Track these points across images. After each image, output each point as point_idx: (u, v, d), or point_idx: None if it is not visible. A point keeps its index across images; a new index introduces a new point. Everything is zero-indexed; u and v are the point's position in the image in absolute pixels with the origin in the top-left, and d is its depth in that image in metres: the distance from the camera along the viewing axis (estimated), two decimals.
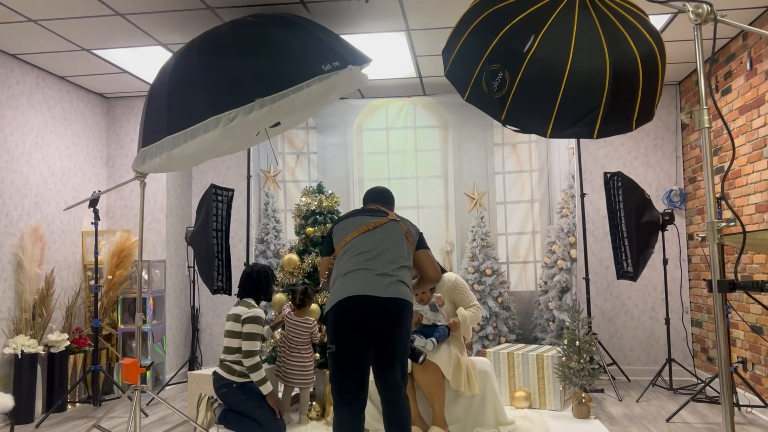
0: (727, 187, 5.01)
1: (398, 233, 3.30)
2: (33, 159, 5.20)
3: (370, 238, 3.26)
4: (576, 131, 3.01)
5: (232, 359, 4.06)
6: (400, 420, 3.10)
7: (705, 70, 2.00)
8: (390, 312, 3.08)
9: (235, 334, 4.07)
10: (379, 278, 3.11)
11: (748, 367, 4.72)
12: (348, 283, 3.12)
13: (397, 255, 3.22)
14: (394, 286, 3.11)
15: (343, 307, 3.09)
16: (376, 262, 3.16)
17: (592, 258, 6.14)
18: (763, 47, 4.42)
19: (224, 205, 5.18)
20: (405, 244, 3.29)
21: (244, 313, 4.08)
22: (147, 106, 3.81)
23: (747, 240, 2.16)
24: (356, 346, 3.07)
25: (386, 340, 3.10)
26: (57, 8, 4.12)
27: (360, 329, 3.07)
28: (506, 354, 4.81)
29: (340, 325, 3.09)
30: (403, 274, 3.20)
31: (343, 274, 3.17)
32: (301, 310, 4.46)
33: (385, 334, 3.09)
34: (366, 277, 3.12)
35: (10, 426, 4.24)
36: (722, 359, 1.95)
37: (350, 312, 3.08)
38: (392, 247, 3.24)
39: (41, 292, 5.06)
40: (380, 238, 3.26)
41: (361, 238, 3.27)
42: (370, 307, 3.06)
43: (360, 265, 3.17)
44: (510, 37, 2.88)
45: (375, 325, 3.07)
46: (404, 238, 3.31)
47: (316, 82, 3.49)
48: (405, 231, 3.33)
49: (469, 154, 6.03)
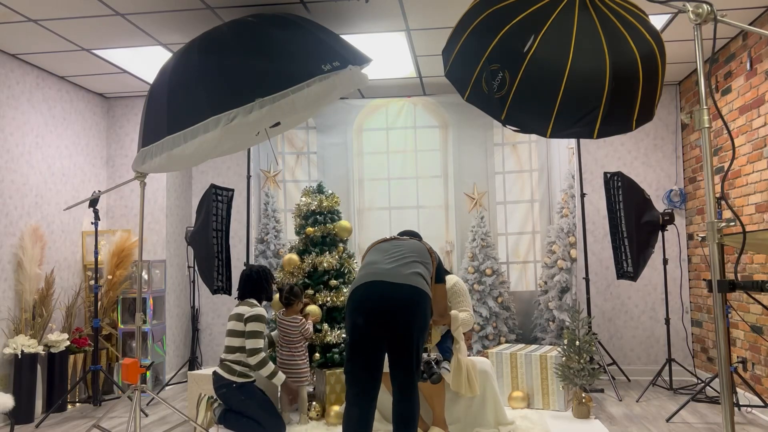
0: (727, 187, 5.01)
1: (421, 247, 3.47)
2: (33, 159, 5.20)
3: (393, 244, 3.47)
4: (576, 131, 3.01)
5: (232, 359, 4.06)
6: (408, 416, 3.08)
7: (705, 70, 2.00)
8: (406, 300, 3.08)
9: (238, 333, 4.08)
10: (396, 268, 3.20)
11: (748, 367, 4.72)
12: (365, 272, 3.23)
13: (417, 256, 3.34)
14: (412, 276, 3.17)
15: (359, 294, 3.13)
16: (396, 258, 3.29)
17: (592, 258, 6.14)
18: (763, 47, 4.42)
19: (224, 205, 5.18)
20: (427, 256, 3.44)
21: (246, 312, 4.09)
22: (147, 106, 3.81)
23: (747, 240, 2.16)
24: (370, 334, 3.07)
25: (402, 328, 3.07)
26: (57, 8, 4.12)
27: (374, 315, 3.07)
28: (509, 355, 4.81)
29: (355, 312, 3.11)
30: (422, 271, 3.27)
31: (362, 267, 3.34)
32: (289, 309, 4.46)
33: (400, 322, 3.07)
34: (384, 266, 3.22)
35: (10, 426, 4.24)
36: (722, 359, 1.95)
37: (364, 299, 3.10)
38: (414, 252, 3.37)
39: (41, 292, 5.06)
40: (403, 245, 3.44)
41: (384, 244, 3.49)
42: (386, 292, 3.08)
43: (381, 258, 3.30)
44: (510, 37, 2.88)
45: (391, 311, 3.06)
46: (426, 253, 3.46)
47: (316, 82, 3.49)
48: (428, 248, 3.51)
49: (469, 154, 6.03)
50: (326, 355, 4.64)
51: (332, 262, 4.86)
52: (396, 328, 3.07)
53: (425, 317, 3.16)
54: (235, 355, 4.06)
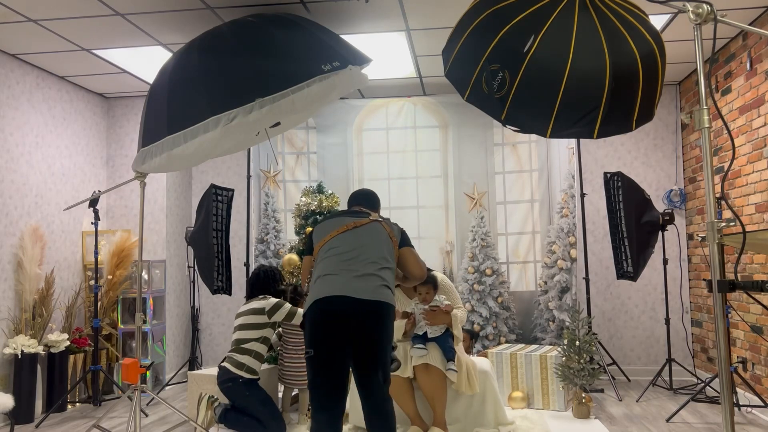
0: (727, 187, 5.01)
1: (380, 233, 3.18)
2: (33, 159, 5.20)
3: (350, 238, 3.14)
4: (576, 131, 3.01)
5: (244, 349, 4.09)
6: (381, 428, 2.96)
7: (705, 70, 2.00)
8: (371, 314, 2.94)
9: (255, 326, 4.15)
10: (359, 280, 2.98)
11: (748, 367, 4.72)
12: (327, 284, 3.00)
13: (378, 255, 3.09)
14: (376, 288, 2.98)
15: (320, 309, 2.95)
16: (356, 263, 3.04)
17: (592, 258, 6.14)
18: (763, 47, 4.42)
19: (224, 205, 5.18)
20: (388, 244, 3.17)
21: (266, 305, 4.19)
22: (147, 106, 3.81)
23: (747, 240, 2.16)
24: (334, 349, 2.93)
25: (367, 343, 2.94)
26: (57, 8, 4.12)
27: (338, 331, 2.93)
28: (509, 355, 4.81)
29: (317, 327, 2.95)
30: (386, 275, 3.06)
31: (322, 275, 3.05)
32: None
33: (365, 337, 2.94)
34: (346, 278, 2.99)
35: (10, 426, 4.23)
36: (722, 359, 1.95)
37: (327, 313, 2.94)
38: (374, 247, 3.11)
39: (41, 292, 5.06)
40: (361, 238, 3.14)
41: (340, 238, 3.15)
42: (349, 308, 2.92)
43: (340, 266, 3.04)
44: (510, 37, 2.87)
45: (354, 327, 2.92)
46: (387, 239, 3.19)
47: (316, 82, 3.49)
48: (388, 231, 3.22)
49: (469, 154, 6.03)
50: None
51: None
52: (361, 342, 2.95)
53: (390, 328, 3.03)
54: (247, 344, 4.11)
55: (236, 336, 4.17)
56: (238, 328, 4.19)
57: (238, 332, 4.17)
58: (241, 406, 4.02)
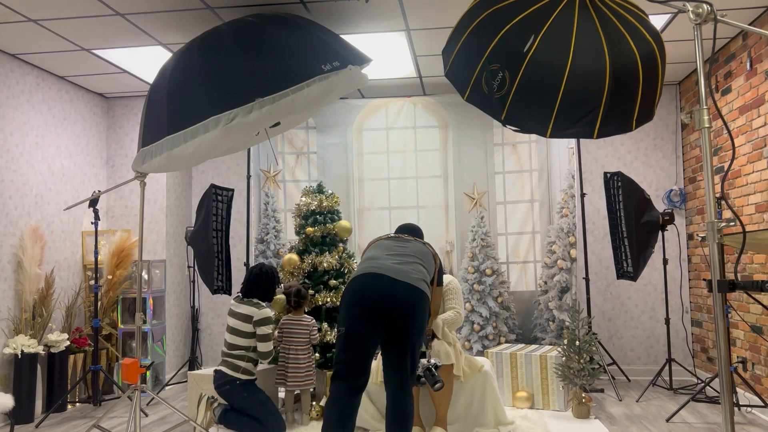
0: (727, 187, 5.01)
1: (425, 250, 3.45)
2: (33, 159, 5.20)
3: (396, 242, 3.45)
4: (576, 131, 3.01)
5: (237, 354, 4.07)
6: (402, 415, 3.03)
7: (705, 70, 2.00)
8: (404, 298, 3.05)
9: (244, 334, 4.10)
10: (398, 265, 3.18)
11: (748, 367, 4.72)
12: (366, 265, 3.21)
13: (420, 260, 3.31)
14: (414, 276, 3.15)
15: (358, 285, 3.10)
16: (398, 257, 3.27)
17: (592, 258, 6.14)
18: (763, 47, 4.42)
19: (224, 205, 5.18)
20: (430, 259, 3.41)
21: (255, 314, 4.10)
22: (147, 106, 3.81)
23: (747, 240, 2.16)
24: (366, 327, 3.03)
25: (400, 327, 3.04)
26: (57, 8, 4.12)
27: (372, 308, 3.03)
28: (509, 354, 4.81)
29: (352, 303, 3.07)
30: (424, 272, 3.24)
31: (367, 259, 3.30)
32: (297, 311, 4.47)
33: (398, 320, 3.03)
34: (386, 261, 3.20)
35: (10, 426, 4.23)
36: (722, 359, 1.95)
37: (364, 290, 3.07)
38: (416, 253, 3.36)
39: (41, 292, 5.06)
40: (407, 247, 3.42)
41: (387, 241, 3.48)
42: (386, 287, 3.05)
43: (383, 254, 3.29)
44: (510, 37, 2.88)
45: (389, 308, 3.02)
46: (430, 256, 3.43)
47: (316, 82, 3.49)
48: (432, 252, 3.48)
49: (469, 154, 6.03)
50: (326, 355, 4.64)
51: (332, 262, 4.86)
52: (393, 325, 3.04)
53: (423, 319, 3.13)
54: (239, 351, 4.08)
55: (229, 339, 4.14)
56: (230, 331, 4.16)
57: (230, 336, 4.15)
58: (239, 407, 4.02)
